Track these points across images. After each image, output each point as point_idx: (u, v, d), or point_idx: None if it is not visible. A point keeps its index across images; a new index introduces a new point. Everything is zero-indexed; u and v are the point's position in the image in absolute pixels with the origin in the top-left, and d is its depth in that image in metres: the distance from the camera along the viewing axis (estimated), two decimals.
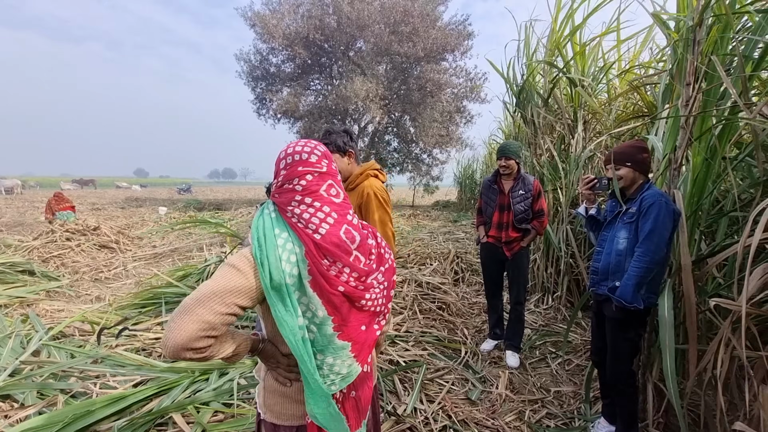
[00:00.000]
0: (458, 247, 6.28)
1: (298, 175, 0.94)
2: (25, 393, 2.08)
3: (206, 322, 0.78)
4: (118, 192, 34.32)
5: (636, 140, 2.11)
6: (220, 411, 2.03)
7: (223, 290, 0.81)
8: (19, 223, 10.57)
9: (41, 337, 2.68)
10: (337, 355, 0.93)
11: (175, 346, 0.76)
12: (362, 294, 0.94)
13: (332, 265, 0.90)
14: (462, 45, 16.34)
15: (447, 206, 17.79)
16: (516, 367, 2.94)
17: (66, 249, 6.40)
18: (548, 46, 4.22)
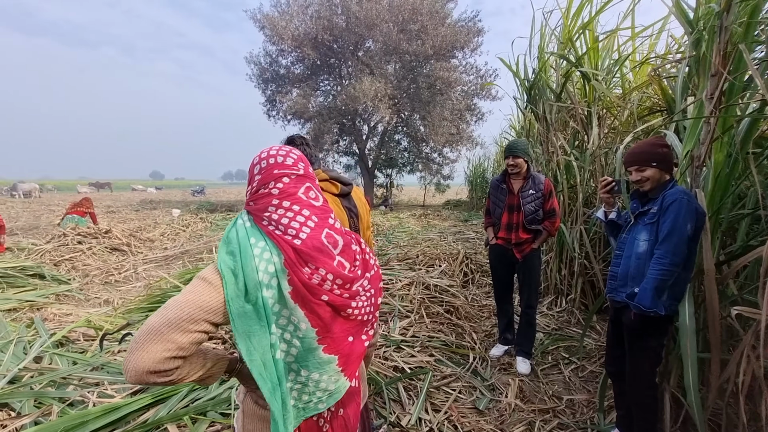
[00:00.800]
0: (468, 248, 6.16)
1: (274, 178, 0.87)
2: (22, 402, 2.06)
3: (173, 342, 0.70)
4: (134, 194, 35.00)
5: (655, 137, 1.97)
6: (217, 421, 1.97)
7: (192, 306, 0.74)
8: (34, 226, 10.80)
9: (43, 342, 2.67)
10: (323, 370, 0.86)
11: (138, 370, 0.69)
12: (348, 302, 0.87)
13: (314, 272, 0.82)
14: (472, 42, 16.16)
15: (458, 205, 17.60)
16: (527, 374, 2.82)
17: (77, 252, 6.48)
18: (561, 38, 4.06)
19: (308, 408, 0.87)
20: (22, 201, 23.25)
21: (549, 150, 4.31)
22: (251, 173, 0.91)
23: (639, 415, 1.89)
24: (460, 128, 16.77)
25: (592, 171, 3.90)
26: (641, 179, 1.86)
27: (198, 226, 10.74)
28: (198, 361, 0.80)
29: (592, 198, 4.00)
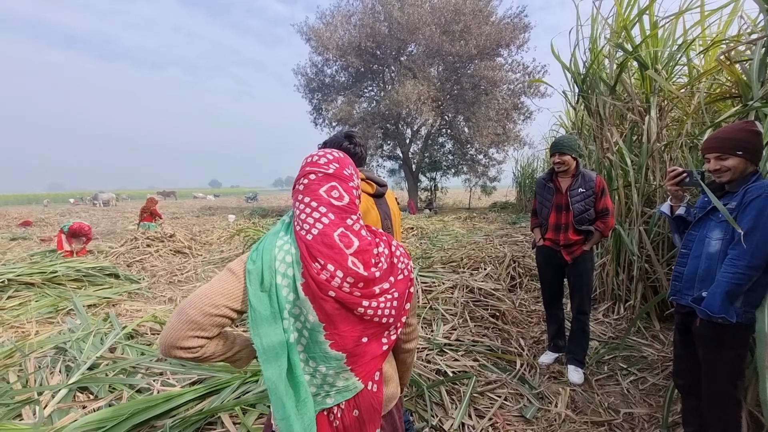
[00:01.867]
0: (515, 251, 5.94)
1: (303, 174, 0.93)
2: (99, 386, 2.30)
3: (194, 323, 0.80)
4: (195, 202, 37.72)
5: (744, 122, 1.71)
6: (264, 414, 2.06)
7: (214, 293, 0.82)
8: (111, 231, 11.99)
9: (117, 335, 2.95)
10: (329, 365, 0.88)
11: (165, 344, 0.80)
12: (358, 300, 0.87)
13: (323, 268, 0.85)
14: (518, 39, 15.67)
15: (505, 208, 17.02)
16: (579, 383, 2.66)
17: (146, 254, 7.10)
18: (615, 26, 3.81)
19: (315, 401, 0.89)
20: (102, 209, 25.93)
21: (603, 146, 4.05)
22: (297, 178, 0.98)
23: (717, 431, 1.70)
24: (507, 128, 16.28)
25: (651, 167, 3.61)
26: (721, 168, 1.63)
27: (251, 230, 11.34)
28: (224, 344, 0.88)
29: (653, 196, 3.71)
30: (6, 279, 4.95)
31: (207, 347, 0.84)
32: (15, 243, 10.04)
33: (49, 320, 4.39)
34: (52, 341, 2.96)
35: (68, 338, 2.95)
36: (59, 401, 2.18)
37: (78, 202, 35.41)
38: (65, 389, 2.25)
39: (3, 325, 4.20)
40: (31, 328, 4.02)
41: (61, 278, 5.19)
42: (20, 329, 4.07)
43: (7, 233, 12.08)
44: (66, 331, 3.25)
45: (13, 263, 6.37)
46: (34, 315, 4.43)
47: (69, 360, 2.59)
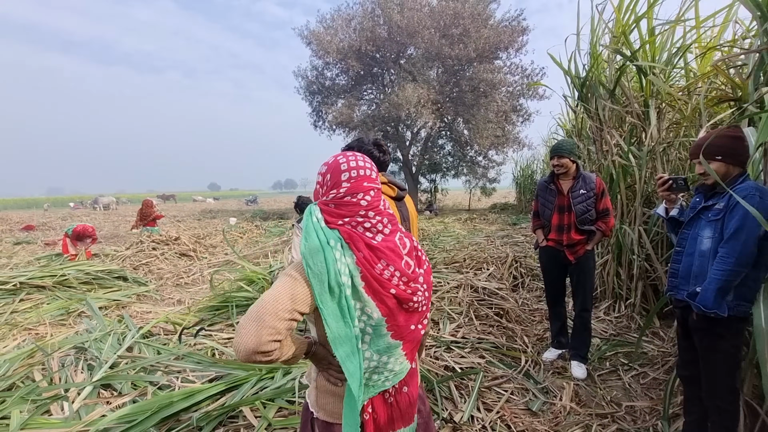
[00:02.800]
0: (517, 251, 6.04)
1: (363, 190, 0.99)
2: (121, 383, 2.39)
3: (273, 328, 0.85)
4: (195, 205, 37.77)
5: (728, 128, 1.84)
6: (284, 407, 2.16)
7: (284, 298, 0.88)
8: (114, 234, 12.07)
9: (134, 335, 3.04)
10: (391, 353, 0.99)
11: (247, 350, 0.83)
12: (410, 297, 0.99)
13: (385, 268, 0.96)
14: (516, 41, 15.80)
15: (505, 209, 17.14)
16: (582, 378, 2.75)
17: (152, 257, 7.18)
18: (614, 32, 3.92)
19: (377, 386, 1.01)
20: (102, 212, 25.97)
21: (603, 148, 4.16)
22: (336, 177, 1.01)
23: (717, 423, 1.80)
24: (506, 130, 16.40)
25: (651, 169, 3.72)
26: (705, 172, 1.78)
27: (253, 233, 11.43)
28: (289, 344, 0.95)
29: (652, 197, 3.81)
30: (18, 282, 5.04)
31: (279, 349, 0.90)
32: (20, 247, 10.11)
33: (60, 322, 4.48)
34: (70, 341, 3.04)
35: (86, 338, 3.04)
36: (85, 398, 2.27)
37: (78, 206, 35.41)
38: (90, 386, 2.34)
39: (17, 327, 4.29)
40: (45, 330, 4.10)
41: (71, 281, 5.28)
42: (34, 331, 4.15)
43: (10, 238, 12.14)
44: (83, 332, 3.33)
45: (23, 267, 6.45)
46: (47, 317, 4.51)
47: (90, 359, 2.68)
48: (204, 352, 2.89)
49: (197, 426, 1.98)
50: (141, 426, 1.93)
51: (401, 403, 1.04)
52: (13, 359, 2.77)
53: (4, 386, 2.39)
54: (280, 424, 2.03)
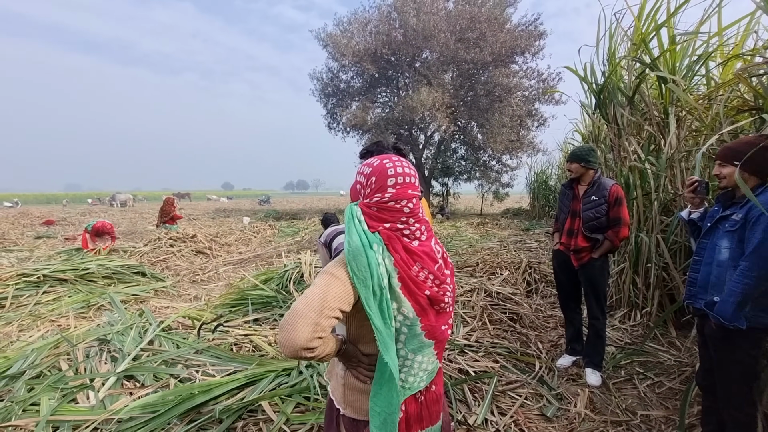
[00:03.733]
0: (531, 257, 6.01)
1: (407, 198, 1.02)
2: (144, 375, 2.47)
3: (318, 325, 0.87)
4: (209, 204, 38.34)
5: (757, 136, 1.81)
6: (301, 403, 2.21)
7: (329, 297, 0.90)
8: (132, 231, 12.34)
9: (154, 329, 3.13)
10: (424, 352, 1.03)
11: (294, 347, 0.86)
12: (442, 298, 1.04)
13: (420, 271, 1.01)
14: (533, 46, 15.74)
15: (518, 214, 17.00)
16: (597, 386, 2.74)
17: (169, 254, 7.34)
18: (633, 39, 3.90)
19: (413, 387, 1.04)
20: (120, 210, 26.55)
21: (621, 155, 4.13)
22: (382, 181, 1.01)
23: None
24: (521, 135, 16.30)
25: (669, 177, 3.68)
26: (719, 175, 1.79)
27: (267, 232, 11.57)
28: (329, 342, 0.97)
29: (670, 205, 3.77)
30: (41, 275, 5.21)
31: (322, 346, 0.92)
32: (41, 241, 10.43)
33: (82, 315, 4.62)
34: (94, 333, 3.14)
35: (109, 331, 3.14)
36: (109, 388, 2.35)
37: (96, 203, 36.29)
38: (114, 377, 2.42)
39: (41, 318, 4.44)
40: (68, 322, 4.24)
41: (92, 275, 5.44)
42: (56, 322, 4.29)
43: (32, 232, 12.53)
44: (105, 324, 3.44)
45: (45, 260, 6.66)
46: (69, 309, 4.66)
47: (113, 351, 2.77)
48: (222, 347, 2.96)
49: (218, 418, 2.04)
50: (164, 416, 2.00)
51: (429, 401, 1.08)
52: (39, 349, 2.88)
53: (33, 374, 2.49)
54: (298, 420, 2.08)
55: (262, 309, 3.93)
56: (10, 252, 8.41)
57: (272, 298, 4.03)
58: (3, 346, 3.36)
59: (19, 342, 3.39)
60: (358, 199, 1.09)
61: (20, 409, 2.10)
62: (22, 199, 42.86)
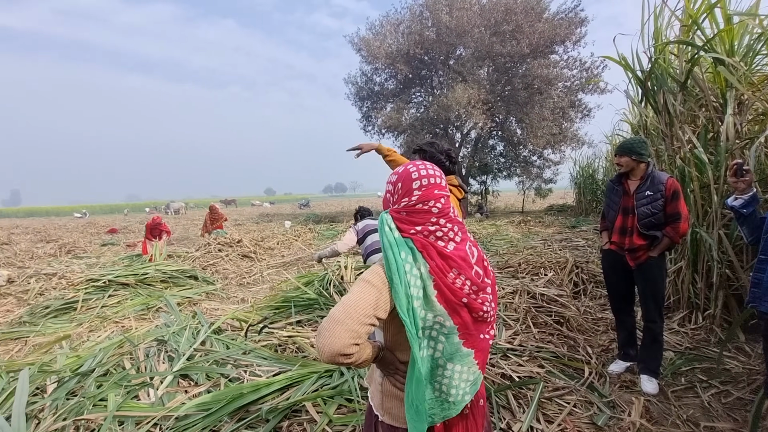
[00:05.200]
0: (577, 256, 5.73)
1: (434, 198, 1.01)
2: (197, 374, 2.62)
3: (355, 332, 0.89)
4: (253, 209, 40.05)
5: None
6: (343, 405, 2.25)
7: (365, 304, 0.92)
8: (185, 237, 13.16)
9: (206, 330, 3.32)
10: (464, 362, 1.00)
11: (332, 352, 0.88)
12: (481, 306, 1.00)
13: (457, 277, 0.98)
14: (574, 34, 15.05)
15: (562, 211, 16.27)
16: (653, 394, 2.56)
17: (218, 258, 7.75)
18: (683, 21, 3.62)
19: (457, 401, 1.01)
20: (173, 217, 28.40)
21: (674, 145, 3.84)
22: (407, 185, 1.03)
23: None
24: (563, 127, 15.63)
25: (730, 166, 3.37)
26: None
27: (307, 236, 11.89)
28: (366, 348, 0.99)
29: None
30: (107, 280, 5.69)
31: (358, 353, 0.93)
32: (105, 248, 11.39)
33: (142, 316, 4.98)
34: (152, 334, 3.38)
35: (165, 332, 3.36)
36: (167, 386, 2.52)
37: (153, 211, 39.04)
38: (171, 376, 2.60)
39: (107, 320, 4.84)
40: (130, 323, 4.59)
41: (150, 279, 5.86)
42: (120, 324, 4.66)
43: (98, 240, 13.70)
44: (162, 326, 3.69)
45: (109, 266, 7.26)
46: (131, 312, 5.05)
47: (170, 351, 2.97)
48: (268, 348, 3.08)
49: (265, 418, 2.13)
50: (216, 414, 2.12)
51: (477, 415, 1.04)
52: (106, 348, 3.15)
53: (100, 372, 2.73)
54: (340, 421, 2.12)
55: (304, 311, 4.05)
56: (80, 259, 9.27)
57: (313, 300, 4.14)
58: (75, 345, 3.71)
59: (88, 342, 3.72)
60: (389, 207, 1.09)
61: (91, 404, 2.30)
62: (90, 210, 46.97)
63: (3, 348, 4.18)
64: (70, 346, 3.64)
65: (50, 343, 3.84)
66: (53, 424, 2.14)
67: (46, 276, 6.61)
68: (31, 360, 3.16)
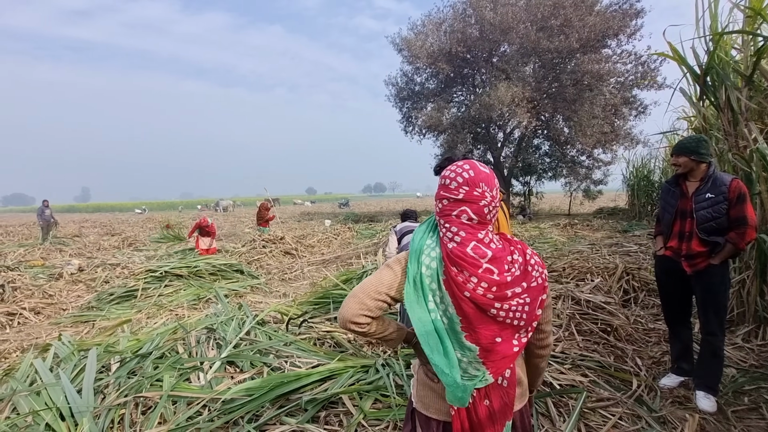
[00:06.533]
0: (628, 262, 5.39)
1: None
2: (243, 362, 2.77)
3: (363, 304, 1.03)
4: (295, 208, 41.37)
5: None
6: (378, 400, 2.29)
7: (378, 283, 1.06)
8: (232, 233, 13.86)
9: (251, 321, 3.49)
10: (464, 353, 1.01)
11: (342, 318, 1.04)
12: (491, 303, 0.98)
13: (460, 273, 1.00)
14: (628, 26, 14.17)
15: (613, 214, 15.34)
16: (711, 412, 2.37)
17: (262, 254, 8.11)
18: (747, 12, 3.30)
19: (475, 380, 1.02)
20: (222, 214, 29.99)
21: (738, 144, 3.52)
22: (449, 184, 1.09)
23: None
24: (615, 125, 14.76)
25: None
26: None
27: (346, 234, 12.12)
28: (383, 324, 1.09)
29: None
30: (164, 271, 6.13)
31: (371, 325, 1.05)
32: (162, 242, 12.26)
33: (193, 306, 5.33)
34: (203, 322, 3.61)
35: (214, 321, 3.57)
36: (215, 371, 2.69)
37: (204, 209, 41.47)
38: (219, 362, 2.76)
39: (163, 308, 5.23)
40: (183, 312, 4.92)
41: (201, 272, 6.25)
42: (174, 312, 5.02)
43: (156, 234, 14.78)
44: (212, 315, 3.93)
45: (165, 259, 7.83)
46: (184, 301, 5.41)
47: (218, 339, 3.16)
48: (307, 342, 3.19)
49: (304, 407, 2.22)
50: (259, 400, 2.23)
51: (481, 417, 1.02)
52: (162, 333, 3.40)
53: (157, 355, 2.95)
54: (374, 416, 2.16)
55: None
56: (140, 251, 10.06)
57: None
58: (135, 329, 4.04)
59: (146, 327, 4.04)
60: None
61: (148, 383, 2.51)
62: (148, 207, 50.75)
63: (74, 329, 4.64)
64: (130, 330, 3.97)
65: (114, 327, 4.22)
66: (116, 399, 2.36)
67: (110, 266, 7.25)
68: (98, 341, 3.48)
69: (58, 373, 2.61)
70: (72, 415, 2.25)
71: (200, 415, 2.22)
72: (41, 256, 9.24)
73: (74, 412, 2.26)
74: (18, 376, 2.66)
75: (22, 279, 6.20)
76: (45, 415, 2.21)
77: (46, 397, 2.37)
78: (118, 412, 2.28)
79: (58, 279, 6.63)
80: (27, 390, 2.42)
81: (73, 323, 4.92)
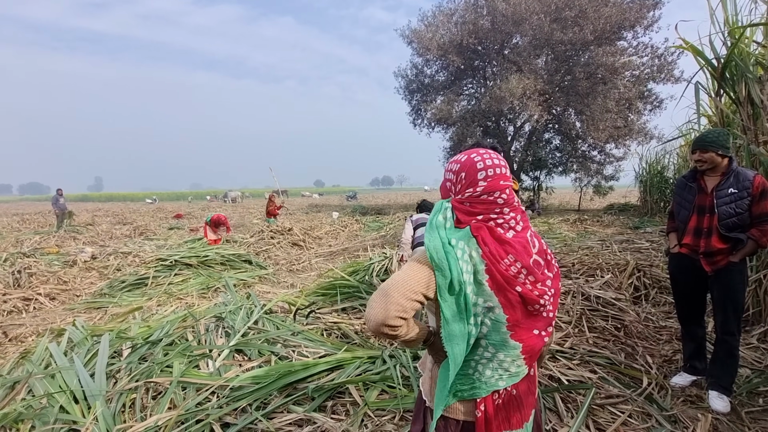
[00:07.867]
0: (640, 259, 5.30)
1: (500, 189, 0.99)
2: (251, 350, 2.80)
3: (399, 305, 0.92)
4: (303, 200, 41.52)
5: None
6: (385, 390, 2.29)
7: (412, 281, 0.94)
8: (241, 224, 13.96)
9: (259, 311, 3.52)
10: (508, 352, 0.98)
11: (377, 322, 0.92)
12: (537, 299, 0.96)
13: (512, 264, 0.95)
14: (645, 18, 13.79)
15: (624, 210, 15.07)
16: (724, 412, 2.33)
17: (270, 245, 8.15)
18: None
19: (489, 383, 1.00)
20: (231, 205, 30.21)
21: (759, 139, 3.41)
22: (472, 176, 1.00)
23: None
24: (629, 120, 14.45)
25: None
26: None
27: (354, 227, 12.13)
28: (413, 326, 1.00)
29: None
30: (174, 260, 6.20)
31: (403, 327, 0.95)
32: (172, 232, 12.39)
33: (203, 294, 5.38)
34: (212, 311, 3.65)
35: (223, 310, 3.61)
36: (223, 359, 2.72)
37: (213, 199, 41.82)
38: (227, 350, 2.79)
39: (172, 296, 5.29)
40: (192, 300, 4.98)
41: (211, 261, 6.31)
42: (184, 300, 5.07)
43: (165, 224, 14.95)
44: (220, 304, 3.97)
45: (175, 248, 7.91)
46: (193, 290, 5.47)
47: (227, 327, 3.19)
48: (314, 332, 3.21)
49: (311, 396, 2.23)
50: (267, 388, 2.25)
51: (509, 405, 1.01)
52: (172, 321, 3.44)
53: (167, 342, 2.99)
54: (376, 405, 2.16)
55: (349, 299, 4.15)
56: (150, 240, 10.18)
57: (358, 289, 4.23)
58: (146, 317, 4.09)
59: (157, 314, 4.09)
60: (448, 196, 1.06)
61: (159, 369, 2.54)
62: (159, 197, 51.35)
63: (87, 315, 4.72)
64: (141, 317, 4.03)
65: (125, 314, 4.29)
66: (128, 384, 2.40)
67: (122, 254, 7.36)
68: (110, 327, 3.54)
69: (72, 357, 2.66)
70: (85, 398, 2.30)
71: (209, 402, 2.25)
72: (56, 243, 9.41)
73: (87, 396, 2.31)
74: (34, 360, 2.72)
75: (37, 265, 6.32)
76: (59, 397, 2.25)
77: (60, 381, 2.42)
78: (129, 396, 2.32)
79: (72, 266, 6.74)
80: (42, 373, 2.47)
81: (87, 309, 5.01)
